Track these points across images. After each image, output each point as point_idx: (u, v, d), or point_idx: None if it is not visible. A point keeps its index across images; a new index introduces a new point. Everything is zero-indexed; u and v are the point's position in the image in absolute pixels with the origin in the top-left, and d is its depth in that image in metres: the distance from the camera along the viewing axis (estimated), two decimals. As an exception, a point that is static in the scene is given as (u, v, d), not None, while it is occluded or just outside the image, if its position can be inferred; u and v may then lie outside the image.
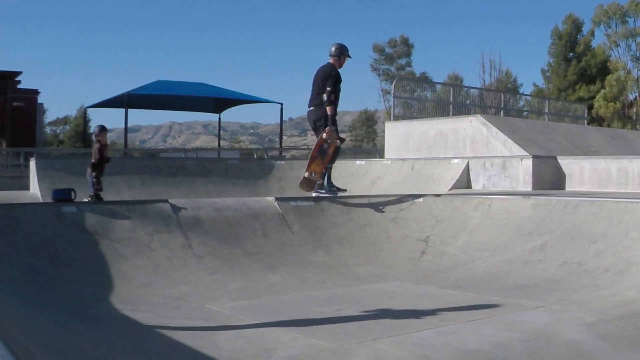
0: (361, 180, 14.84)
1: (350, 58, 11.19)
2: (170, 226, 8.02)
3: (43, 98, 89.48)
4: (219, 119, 32.04)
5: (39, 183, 15.33)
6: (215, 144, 34.32)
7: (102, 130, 14.33)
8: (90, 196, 12.94)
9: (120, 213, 7.89)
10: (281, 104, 30.55)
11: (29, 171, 18.27)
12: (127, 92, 27.66)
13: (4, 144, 48.22)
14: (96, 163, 13.33)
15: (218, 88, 30.46)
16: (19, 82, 55.52)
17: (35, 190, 15.68)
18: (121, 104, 28.17)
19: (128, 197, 11.69)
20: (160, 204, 8.35)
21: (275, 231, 8.62)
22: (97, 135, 14.22)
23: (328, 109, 10.51)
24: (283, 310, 6.07)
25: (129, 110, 28.17)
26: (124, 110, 28.23)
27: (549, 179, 14.88)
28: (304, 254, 8.49)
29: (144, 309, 6.02)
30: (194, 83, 30.20)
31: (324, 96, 10.42)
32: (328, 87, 10.47)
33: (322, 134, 10.47)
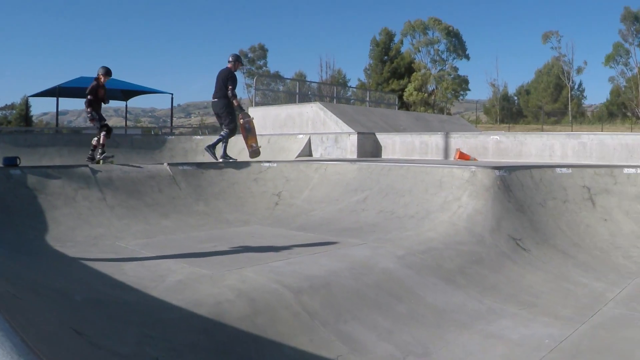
0: (231, 150, 15.02)
1: (242, 65, 11.83)
2: (89, 184, 8.00)
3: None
4: (126, 105, 31.51)
5: (-9, 153, 14.84)
6: (123, 124, 33.65)
7: (106, 73, 10.72)
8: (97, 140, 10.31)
9: (53, 174, 7.79)
10: (172, 94, 30.35)
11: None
12: (58, 85, 27.30)
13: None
14: (91, 99, 10.30)
15: (125, 82, 30.02)
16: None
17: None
18: (54, 94, 27.52)
19: (59, 163, 11.38)
20: (82, 168, 8.32)
21: (167, 188, 8.65)
22: (101, 74, 10.70)
23: (234, 101, 11.16)
24: (173, 246, 6.19)
25: (59, 99, 27.58)
26: (55, 98, 27.59)
27: (370, 149, 15.46)
28: (189, 205, 8.60)
29: (70, 246, 6.05)
30: None
31: (229, 93, 11.01)
32: (230, 86, 11.01)
33: (240, 119, 11.33)
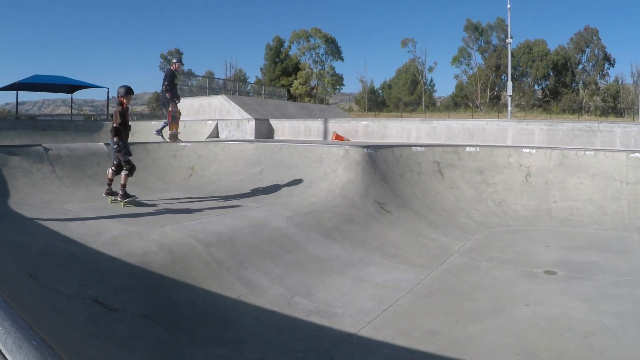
0: (153, 132, 14.52)
1: (183, 65, 11.70)
2: (42, 160, 7.74)
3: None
4: (71, 97, 29.75)
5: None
6: (69, 112, 31.59)
7: (128, 92, 7.09)
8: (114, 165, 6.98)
9: (14, 152, 7.59)
10: (107, 88, 29.01)
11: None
12: (18, 81, 25.60)
13: None
14: (118, 127, 6.77)
15: (71, 78, 28.52)
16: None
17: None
18: (14, 88, 25.61)
19: (18, 143, 10.70)
20: (37, 147, 8.06)
21: (104, 162, 8.41)
22: (122, 96, 7.05)
23: (167, 94, 11.00)
24: (108, 209, 6.13)
25: (19, 92, 25.65)
26: (15, 92, 25.77)
27: (265, 132, 15.50)
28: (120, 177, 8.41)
29: (27, 209, 5.90)
30: (56, 76, 28.47)
31: (164, 88, 11.00)
32: (166, 82, 10.93)
33: (170, 109, 11.08)
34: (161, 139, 11.17)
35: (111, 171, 6.81)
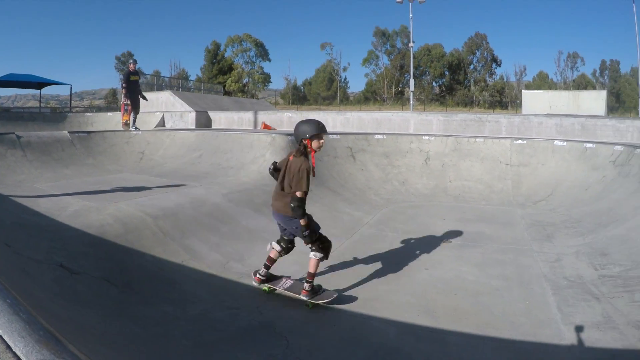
0: (109, 124, 13.84)
1: (136, 62, 11.20)
2: (15, 146, 7.30)
3: None
4: (40, 93, 27.08)
5: None
6: (38, 105, 28.59)
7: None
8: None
9: None
10: (70, 85, 26.59)
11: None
12: None
13: None
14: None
15: (39, 77, 25.87)
16: None
17: None
18: None
19: None
20: (10, 135, 7.59)
21: (68, 148, 8.01)
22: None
23: (123, 90, 10.74)
24: (72, 187, 5.87)
25: None
26: None
27: (204, 122, 15.16)
28: (82, 159, 8.06)
29: (2, 187, 5.58)
30: (27, 74, 25.86)
31: (122, 85, 10.70)
32: (123, 80, 10.68)
33: (123, 103, 10.84)
34: (135, 131, 10.58)
35: (278, 249, 3.71)
